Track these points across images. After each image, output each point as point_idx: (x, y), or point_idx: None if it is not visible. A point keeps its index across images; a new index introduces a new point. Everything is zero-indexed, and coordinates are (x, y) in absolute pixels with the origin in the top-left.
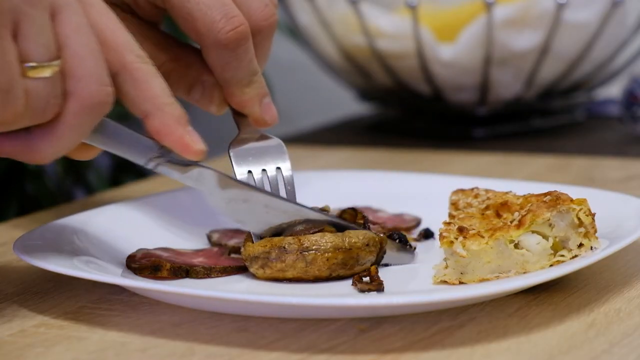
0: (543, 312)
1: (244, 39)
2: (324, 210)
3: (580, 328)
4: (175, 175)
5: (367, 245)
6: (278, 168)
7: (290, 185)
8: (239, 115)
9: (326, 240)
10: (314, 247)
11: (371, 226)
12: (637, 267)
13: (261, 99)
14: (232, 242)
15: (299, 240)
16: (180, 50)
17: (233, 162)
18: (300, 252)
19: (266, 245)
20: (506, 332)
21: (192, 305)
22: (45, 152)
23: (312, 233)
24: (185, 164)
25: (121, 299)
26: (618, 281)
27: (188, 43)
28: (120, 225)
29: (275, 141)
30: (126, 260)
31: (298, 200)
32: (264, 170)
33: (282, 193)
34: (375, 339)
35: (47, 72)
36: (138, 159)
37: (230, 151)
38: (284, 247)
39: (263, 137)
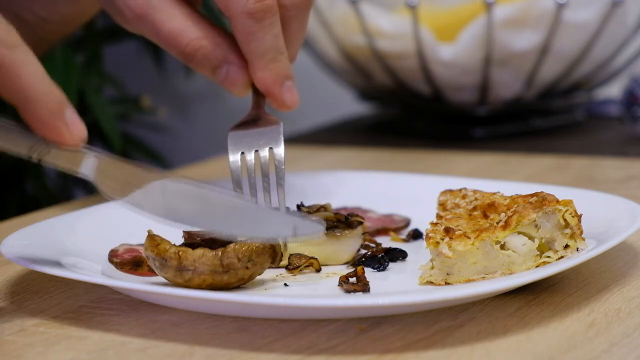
0: (543, 312)
1: (270, 12)
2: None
3: (580, 328)
4: (62, 165)
5: (250, 260)
6: (271, 148)
7: (280, 165)
8: (257, 95)
9: (204, 261)
10: (190, 268)
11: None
12: (636, 267)
13: (283, 80)
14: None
15: (179, 256)
16: (211, 30)
17: (229, 144)
18: (178, 270)
19: (154, 251)
20: (506, 332)
21: (189, 308)
22: None
23: (195, 247)
24: (72, 151)
25: (121, 298)
26: (618, 281)
27: (220, 26)
28: (107, 224)
29: (274, 123)
30: (108, 255)
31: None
32: (256, 151)
33: (272, 173)
34: (374, 338)
35: None
36: (20, 150)
37: (229, 133)
38: (165, 260)
39: (264, 120)
